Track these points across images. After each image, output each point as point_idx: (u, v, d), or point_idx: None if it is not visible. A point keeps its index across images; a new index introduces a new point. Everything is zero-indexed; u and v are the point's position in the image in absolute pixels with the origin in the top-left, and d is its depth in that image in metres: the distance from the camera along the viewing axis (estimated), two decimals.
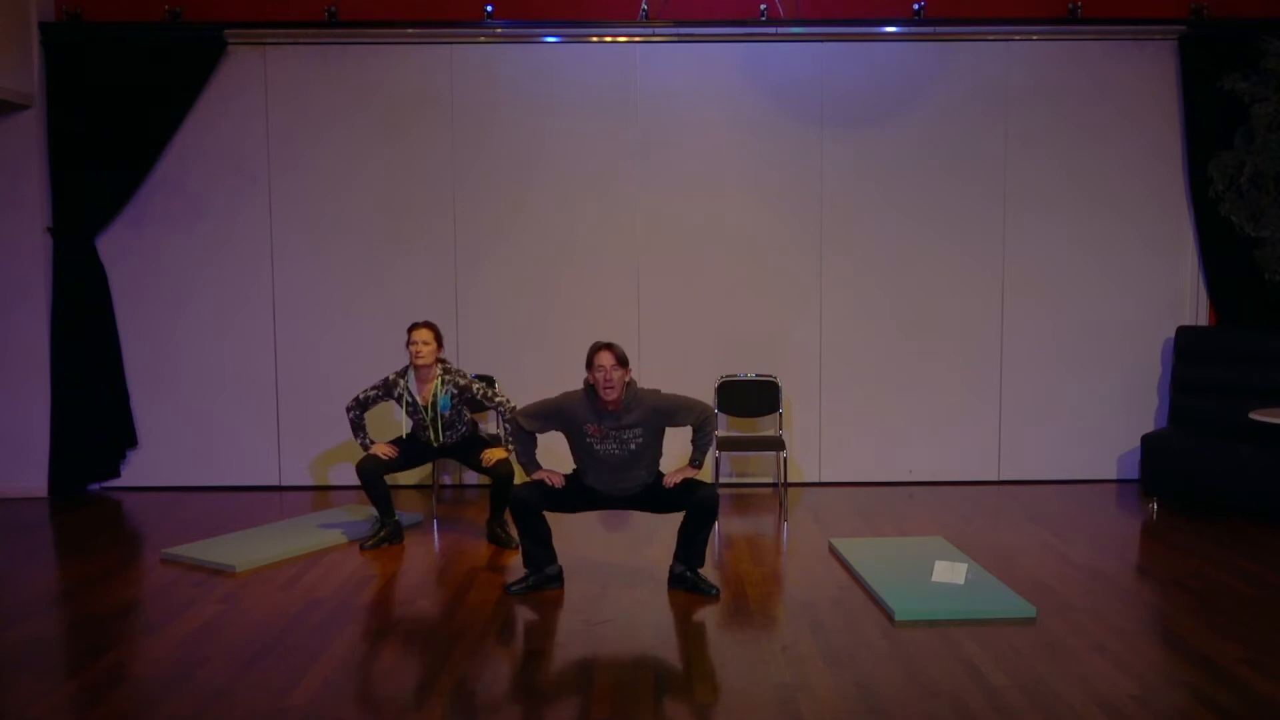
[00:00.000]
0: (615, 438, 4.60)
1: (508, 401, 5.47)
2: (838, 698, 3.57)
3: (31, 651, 4.07)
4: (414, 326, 5.49)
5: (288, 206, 6.71)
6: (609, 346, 4.57)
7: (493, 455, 5.45)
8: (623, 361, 4.56)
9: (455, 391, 5.48)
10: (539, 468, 4.76)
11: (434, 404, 5.47)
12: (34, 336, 6.56)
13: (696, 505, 4.59)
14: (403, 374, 5.53)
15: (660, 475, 4.74)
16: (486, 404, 5.53)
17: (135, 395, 6.77)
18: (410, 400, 5.48)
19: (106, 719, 3.46)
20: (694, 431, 4.75)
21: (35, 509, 6.36)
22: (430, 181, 6.71)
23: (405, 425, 5.56)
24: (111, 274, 6.66)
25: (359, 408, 5.54)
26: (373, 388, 5.55)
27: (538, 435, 4.80)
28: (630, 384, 4.61)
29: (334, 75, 6.64)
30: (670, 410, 4.69)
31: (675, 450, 5.10)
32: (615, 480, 4.67)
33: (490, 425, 6.34)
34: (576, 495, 4.75)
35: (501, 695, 3.64)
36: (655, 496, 4.72)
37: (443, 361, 5.53)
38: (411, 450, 5.59)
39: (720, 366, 6.60)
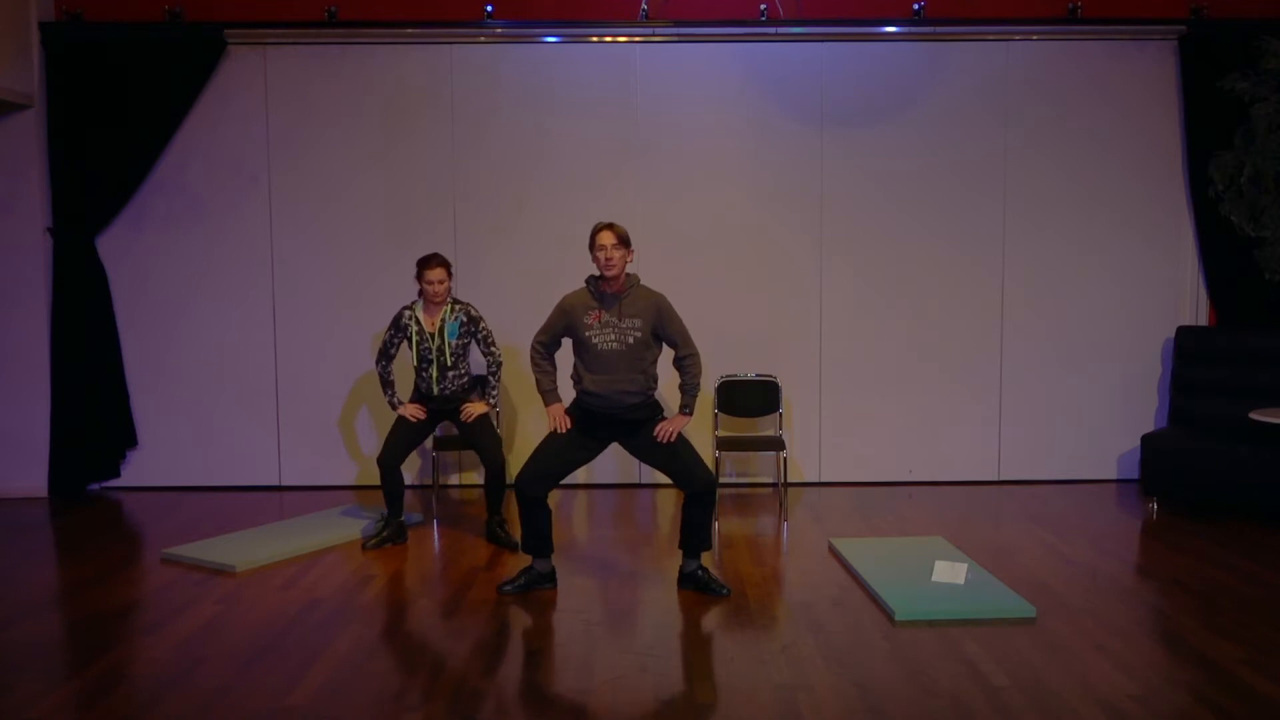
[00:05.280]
0: (614, 327, 4.58)
1: (500, 354, 5.63)
2: (838, 698, 3.57)
3: (31, 651, 4.06)
4: (426, 265, 5.41)
5: (288, 207, 6.71)
6: (610, 226, 4.59)
7: (473, 410, 5.48)
8: (624, 241, 4.57)
9: (465, 320, 5.49)
10: (558, 400, 4.74)
11: (441, 330, 5.45)
12: (34, 336, 6.56)
13: (693, 492, 4.59)
14: (410, 306, 5.53)
15: (659, 413, 4.71)
16: (482, 348, 5.55)
17: (135, 395, 6.77)
18: (418, 329, 5.46)
19: (106, 719, 3.46)
20: (681, 373, 4.73)
21: (35, 509, 6.36)
22: (430, 181, 6.71)
23: (413, 358, 5.52)
24: (111, 274, 6.66)
25: (383, 358, 5.55)
26: (387, 331, 5.55)
27: (555, 355, 4.79)
28: (633, 275, 4.65)
29: (334, 75, 6.64)
30: (667, 313, 4.67)
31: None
32: (614, 382, 4.58)
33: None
34: (577, 435, 4.67)
35: (501, 695, 3.64)
36: (650, 445, 4.65)
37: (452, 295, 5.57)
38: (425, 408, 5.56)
39: (720, 366, 6.60)
